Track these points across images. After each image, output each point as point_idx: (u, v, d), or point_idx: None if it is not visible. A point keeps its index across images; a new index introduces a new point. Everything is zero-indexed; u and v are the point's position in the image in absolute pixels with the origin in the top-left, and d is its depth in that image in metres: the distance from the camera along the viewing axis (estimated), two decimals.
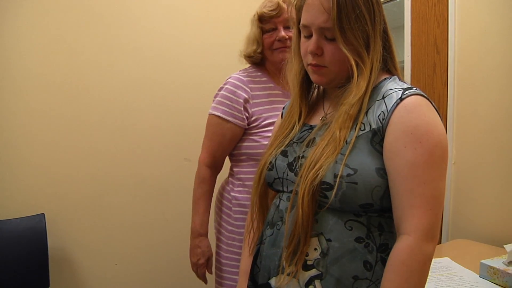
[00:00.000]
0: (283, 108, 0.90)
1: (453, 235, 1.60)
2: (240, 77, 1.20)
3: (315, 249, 0.67)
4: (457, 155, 1.59)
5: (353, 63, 0.67)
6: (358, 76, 0.68)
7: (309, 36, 0.71)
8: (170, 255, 1.84)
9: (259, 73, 1.23)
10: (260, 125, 1.18)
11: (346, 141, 0.67)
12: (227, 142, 1.19)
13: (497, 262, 1.15)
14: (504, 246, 1.21)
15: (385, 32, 0.72)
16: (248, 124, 1.19)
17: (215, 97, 1.21)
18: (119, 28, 1.66)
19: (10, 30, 1.43)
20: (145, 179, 1.76)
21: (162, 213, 1.81)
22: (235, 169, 1.25)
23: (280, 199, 0.76)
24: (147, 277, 1.78)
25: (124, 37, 1.68)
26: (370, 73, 0.69)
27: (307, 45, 0.71)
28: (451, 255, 1.32)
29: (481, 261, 1.17)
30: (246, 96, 1.17)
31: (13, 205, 1.46)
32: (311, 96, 0.83)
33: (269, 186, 0.80)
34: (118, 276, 1.70)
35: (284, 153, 0.77)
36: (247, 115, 1.18)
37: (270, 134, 1.16)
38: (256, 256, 0.78)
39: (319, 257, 0.67)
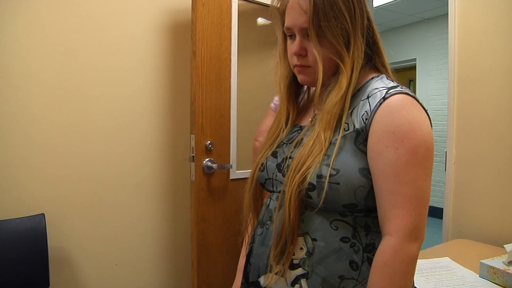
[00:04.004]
0: None
1: (453, 235, 1.60)
2: None
3: (301, 248, 0.68)
4: (457, 155, 1.59)
5: (320, 66, 0.67)
6: (339, 74, 0.68)
7: (293, 38, 0.72)
8: (170, 255, 1.84)
9: None
10: None
11: (331, 142, 0.67)
12: None
13: (497, 262, 1.15)
14: (504, 246, 1.21)
15: (369, 30, 0.71)
16: None
17: None
18: (120, 29, 1.66)
19: (9, 31, 1.44)
20: (145, 179, 1.76)
21: (162, 213, 1.81)
22: None
23: (270, 199, 0.77)
24: (147, 277, 1.79)
25: (124, 37, 1.68)
26: (352, 71, 0.68)
27: (292, 47, 0.72)
28: (451, 255, 1.33)
29: (481, 261, 1.17)
30: None
31: (13, 205, 1.46)
32: (303, 98, 0.84)
33: (263, 187, 0.81)
34: (118, 276, 1.70)
35: (274, 154, 0.78)
36: None
37: None
38: (249, 254, 0.79)
39: (305, 256, 0.67)
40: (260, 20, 1.91)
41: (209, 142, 1.58)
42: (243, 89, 1.76)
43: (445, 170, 1.64)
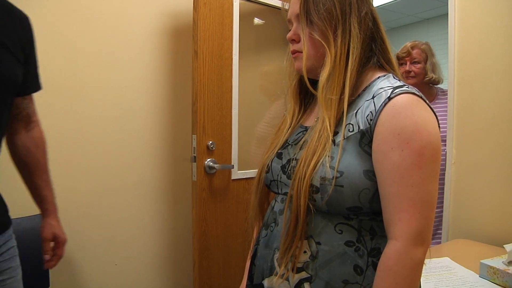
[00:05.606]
0: None
1: (453, 235, 1.60)
2: None
3: (305, 252, 0.67)
4: (457, 155, 1.59)
5: (305, 47, 0.70)
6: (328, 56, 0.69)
7: None
8: (170, 255, 1.84)
9: None
10: None
11: (334, 142, 0.66)
12: None
13: (497, 262, 1.16)
14: (504, 246, 1.21)
15: (372, 23, 0.72)
16: None
17: None
18: (122, 30, 1.66)
19: None
20: (144, 179, 1.75)
21: (163, 213, 1.81)
22: None
23: (275, 201, 0.76)
24: (147, 277, 1.78)
25: (126, 38, 1.67)
26: (347, 56, 0.68)
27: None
28: (451, 255, 1.33)
29: (481, 261, 1.17)
30: None
31: (13, 205, 1.45)
32: (313, 101, 0.83)
33: (268, 188, 0.80)
34: (118, 276, 1.70)
35: (279, 156, 0.77)
36: None
37: None
38: (254, 256, 0.78)
39: (309, 260, 0.66)
40: (257, 20, 1.91)
41: (210, 142, 1.58)
42: (245, 89, 1.76)
43: (445, 170, 1.64)
